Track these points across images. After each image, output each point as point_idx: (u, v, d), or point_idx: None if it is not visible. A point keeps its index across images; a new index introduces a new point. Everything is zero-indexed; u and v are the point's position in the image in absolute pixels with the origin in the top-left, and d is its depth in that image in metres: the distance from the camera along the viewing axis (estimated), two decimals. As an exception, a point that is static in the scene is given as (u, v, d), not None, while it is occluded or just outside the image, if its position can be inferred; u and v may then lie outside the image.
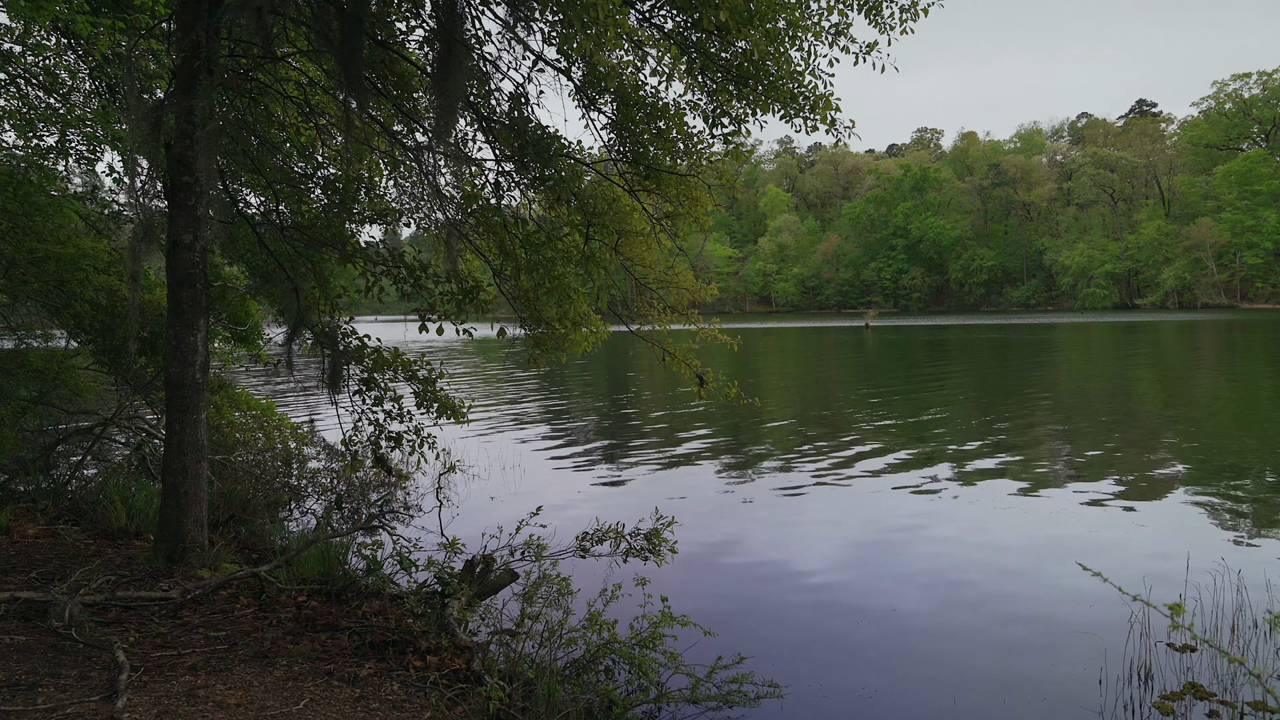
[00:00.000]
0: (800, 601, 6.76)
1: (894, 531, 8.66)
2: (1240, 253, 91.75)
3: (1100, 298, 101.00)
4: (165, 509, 5.76)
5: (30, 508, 7.32)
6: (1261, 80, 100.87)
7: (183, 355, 5.67)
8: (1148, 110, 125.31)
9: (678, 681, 4.92)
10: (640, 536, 6.59)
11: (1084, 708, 4.93)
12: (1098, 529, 8.58)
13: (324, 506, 9.23)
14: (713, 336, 8.53)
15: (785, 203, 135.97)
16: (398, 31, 6.87)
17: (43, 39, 7.63)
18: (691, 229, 8.04)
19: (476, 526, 7.81)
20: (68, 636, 4.44)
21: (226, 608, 5.09)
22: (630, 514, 8.19)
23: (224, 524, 7.29)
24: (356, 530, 7.39)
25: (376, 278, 7.51)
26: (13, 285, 7.62)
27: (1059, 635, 5.96)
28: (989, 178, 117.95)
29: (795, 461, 12.37)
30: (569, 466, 12.36)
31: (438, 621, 5.01)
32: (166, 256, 5.70)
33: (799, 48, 6.25)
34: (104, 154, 8.31)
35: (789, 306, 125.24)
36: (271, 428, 10.23)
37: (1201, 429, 14.61)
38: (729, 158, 7.11)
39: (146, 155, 5.57)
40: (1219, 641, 5.60)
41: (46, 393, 8.54)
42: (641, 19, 6.42)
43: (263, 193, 7.53)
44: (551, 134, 6.81)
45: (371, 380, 7.47)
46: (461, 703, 4.06)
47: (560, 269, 7.40)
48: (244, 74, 6.62)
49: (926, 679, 5.35)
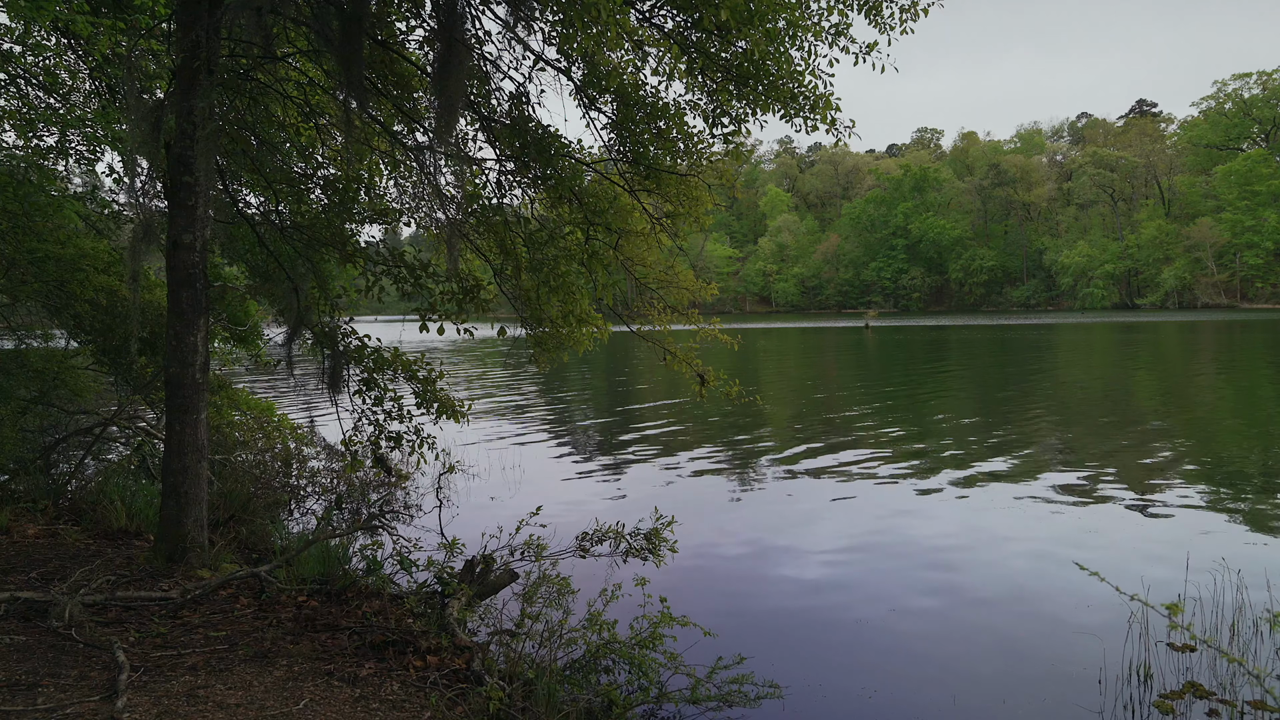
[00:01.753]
0: (800, 602, 6.76)
1: (894, 532, 8.66)
2: (1240, 253, 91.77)
3: (1100, 298, 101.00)
4: (165, 509, 5.76)
5: (30, 508, 7.31)
6: (1261, 80, 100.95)
7: (183, 355, 5.67)
8: (1148, 110, 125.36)
9: (678, 682, 4.93)
10: (640, 536, 6.60)
11: (1084, 708, 4.93)
12: (1097, 529, 8.58)
13: (324, 506, 9.22)
14: (713, 336, 8.54)
15: (785, 203, 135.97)
16: (398, 31, 6.88)
17: (43, 39, 7.63)
18: (691, 229, 8.04)
19: (476, 526, 7.81)
20: (68, 636, 4.44)
21: (226, 608, 5.09)
22: (630, 514, 8.20)
23: (224, 524, 7.29)
24: (356, 530, 7.39)
25: (376, 278, 7.52)
26: (13, 285, 7.62)
27: (1058, 635, 5.96)
28: (989, 178, 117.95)
29: (795, 462, 12.37)
30: (569, 466, 12.36)
31: (438, 621, 5.01)
32: (166, 256, 5.70)
33: (799, 48, 6.25)
34: (104, 154, 8.31)
35: (789, 306, 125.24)
36: (271, 428, 10.23)
37: (1201, 429, 14.61)
38: (729, 157, 7.11)
39: (146, 155, 5.57)
40: (1218, 641, 5.60)
41: (46, 393, 8.54)
42: (642, 19, 6.41)
43: (263, 193, 7.53)
44: (552, 133, 6.82)
45: (372, 380, 7.48)
46: (461, 703, 4.06)
47: (564, 267, 7.41)
48: (244, 74, 6.62)
49: (926, 679, 5.35)
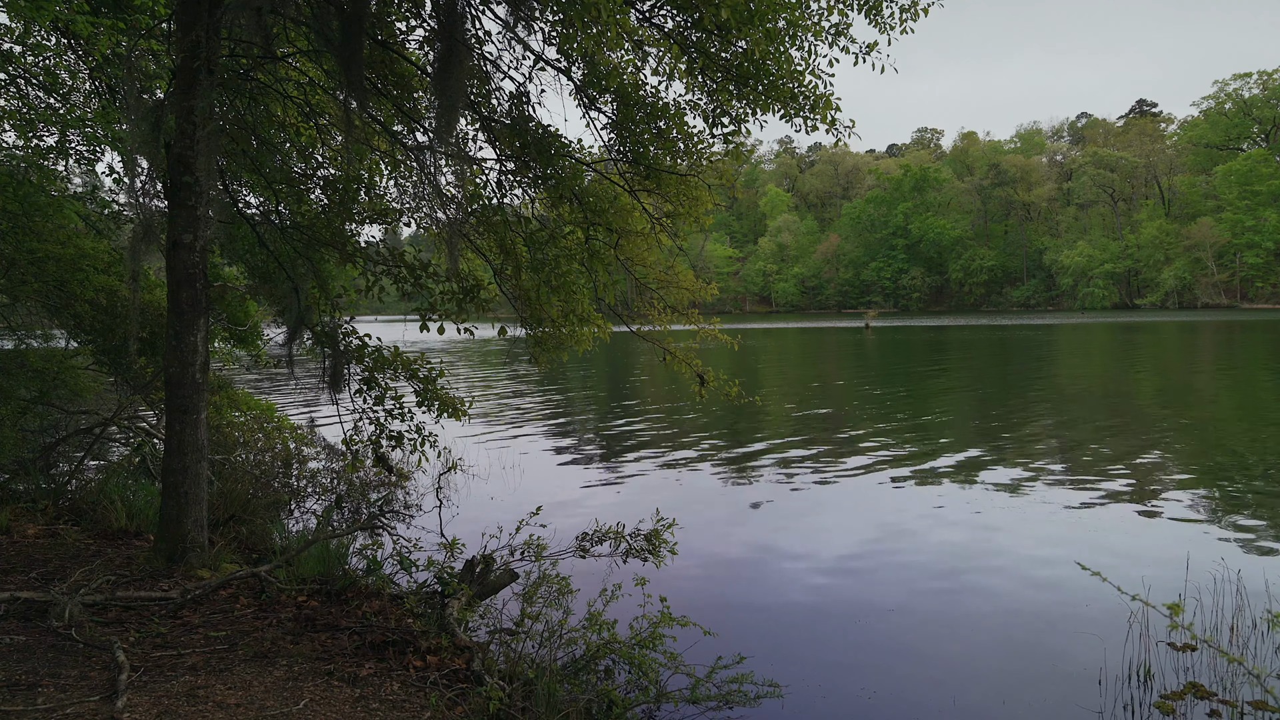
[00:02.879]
0: (800, 602, 6.76)
1: (894, 532, 8.66)
2: (1240, 253, 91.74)
3: (1100, 298, 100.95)
4: (165, 509, 5.76)
5: (30, 508, 7.31)
6: (1262, 80, 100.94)
7: (183, 355, 5.67)
8: (1148, 110, 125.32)
9: (678, 681, 4.92)
10: (640, 537, 6.59)
11: (1084, 707, 4.93)
12: (1097, 529, 8.58)
13: (324, 506, 9.21)
14: (713, 336, 8.54)
15: (785, 203, 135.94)
16: (398, 31, 6.88)
17: (43, 39, 7.63)
18: (691, 229, 8.04)
19: (476, 526, 7.81)
20: (68, 636, 4.44)
21: (226, 608, 5.09)
22: (630, 514, 8.19)
23: (224, 524, 7.28)
24: (356, 530, 7.39)
25: (376, 277, 7.52)
26: (13, 285, 7.61)
27: (1059, 635, 5.96)
28: (989, 178, 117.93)
29: (795, 462, 12.37)
30: (569, 466, 12.36)
31: (438, 621, 5.00)
32: (166, 256, 5.70)
33: (799, 47, 6.25)
34: (104, 154, 8.30)
35: (789, 306, 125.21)
36: (272, 428, 10.23)
37: (1202, 429, 14.61)
38: (729, 157, 7.11)
39: (146, 155, 5.57)
40: (1219, 641, 5.60)
41: (46, 393, 8.54)
42: (642, 19, 6.41)
43: (263, 193, 7.53)
44: (552, 133, 6.81)
45: (372, 380, 7.48)
46: (461, 703, 4.06)
47: (565, 266, 7.41)
48: (244, 74, 6.62)
49: (926, 679, 5.35)
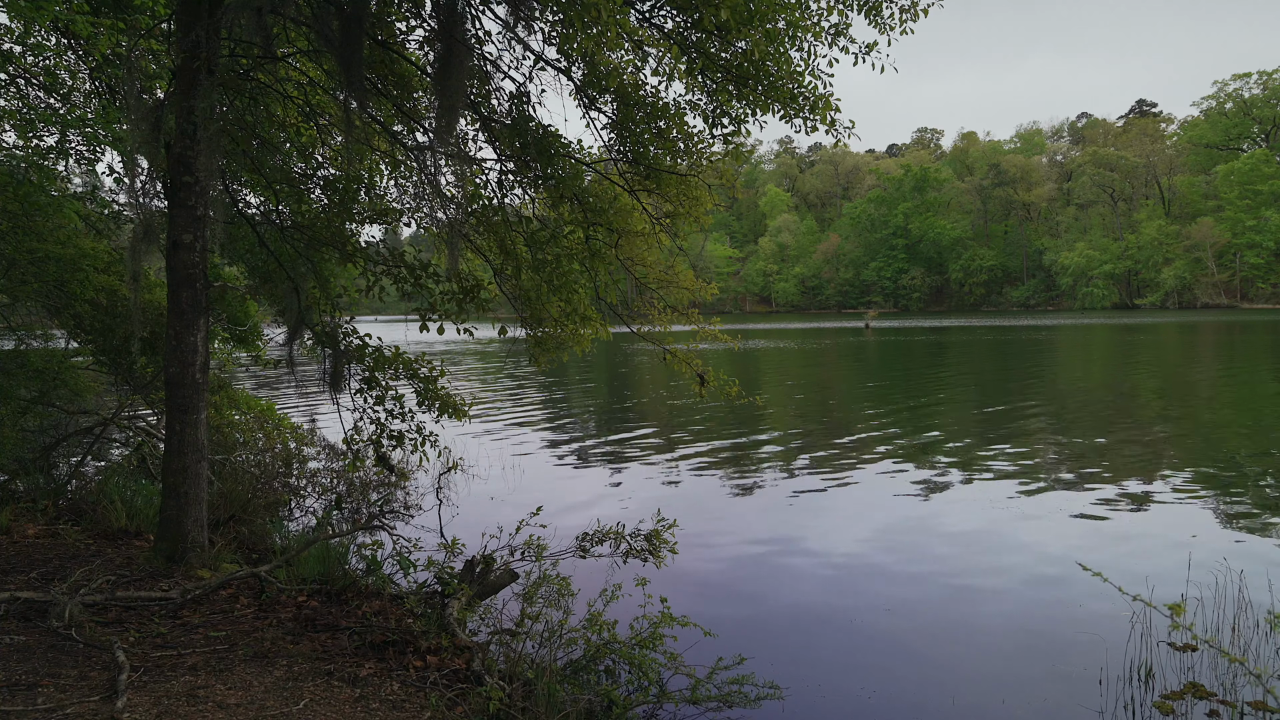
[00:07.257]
0: (800, 602, 6.75)
1: (894, 532, 8.66)
2: (1241, 253, 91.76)
3: (1100, 298, 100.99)
4: (165, 509, 5.76)
5: (30, 508, 7.31)
6: (1262, 80, 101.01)
7: (183, 355, 5.67)
8: (1148, 110, 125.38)
9: (678, 682, 4.92)
10: (640, 537, 6.59)
11: (1084, 708, 4.93)
12: (1099, 529, 8.58)
13: (324, 506, 9.22)
14: (713, 336, 8.53)
15: (785, 203, 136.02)
16: (398, 31, 6.87)
17: (43, 39, 7.62)
18: (691, 229, 8.04)
19: (476, 526, 7.81)
20: (68, 636, 4.44)
21: (226, 608, 5.09)
22: (630, 514, 8.20)
23: (224, 524, 7.28)
24: (356, 530, 7.39)
25: (377, 277, 7.52)
26: (13, 285, 7.61)
27: (1059, 635, 5.96)
28: (989, 178, 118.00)
29: (795, 462, 12.37)
30: (569, 466, 12.36)
31: (438, 621, 5.00)
32: (166, 256, 5.70)
33: (799, 48, 6.25)
34: (104, 154, 8.29)
35: (789, 306, 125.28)
36: (271, 428, 10.23)
37: (1202, 429, 14.61)
38: (729, 158, 7.11)
39: (146, 155, 5.57)
40: (1220, 641, 5.59)
41: (46, 393, 8.53)
42: (642, 19, 6.41)
43: (263, 193, 7.53)
44: (552, 133, 6.81)
45: (373, 379, 7.48)
46: (461, 703, 4.06)
47: (565, 266, 7.40)
48: (244, 74, 6.62)
49: (926, 679, 5.34)
